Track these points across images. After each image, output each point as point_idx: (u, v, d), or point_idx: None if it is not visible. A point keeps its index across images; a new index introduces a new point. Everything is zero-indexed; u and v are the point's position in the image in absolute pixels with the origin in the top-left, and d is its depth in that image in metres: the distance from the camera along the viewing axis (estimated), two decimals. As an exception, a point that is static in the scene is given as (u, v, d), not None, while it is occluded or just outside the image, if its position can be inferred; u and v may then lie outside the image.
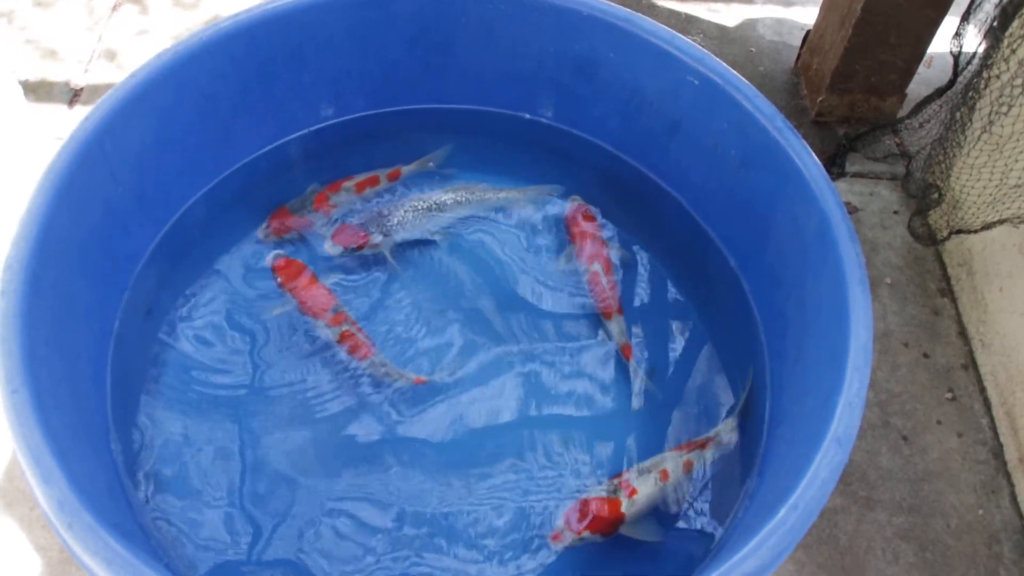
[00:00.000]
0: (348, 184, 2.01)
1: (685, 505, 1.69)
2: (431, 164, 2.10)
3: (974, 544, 1.88)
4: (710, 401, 1.83)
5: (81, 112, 2.46)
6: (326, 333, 1.80)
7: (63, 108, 2.50)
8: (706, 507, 1.69)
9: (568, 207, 2.06)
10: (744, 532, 1.37)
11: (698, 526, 1.66)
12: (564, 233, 2.04)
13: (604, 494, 1.59)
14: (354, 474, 1.69)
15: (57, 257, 1.49)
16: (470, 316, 1.91)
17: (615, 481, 1.61)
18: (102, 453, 1.55)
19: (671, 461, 1.65)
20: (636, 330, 1.91)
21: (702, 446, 1.69)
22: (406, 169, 2.07)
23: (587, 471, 1.72)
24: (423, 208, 1.98)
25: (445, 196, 2.02)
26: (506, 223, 2.06)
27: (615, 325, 1.89)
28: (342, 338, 1.77)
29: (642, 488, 1.60)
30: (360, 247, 1.92)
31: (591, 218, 2.03)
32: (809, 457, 1.31)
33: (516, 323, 1.90)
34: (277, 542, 1.60)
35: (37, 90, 2.53)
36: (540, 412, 1.79)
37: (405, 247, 1.98)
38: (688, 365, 1.87)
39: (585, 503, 1.58)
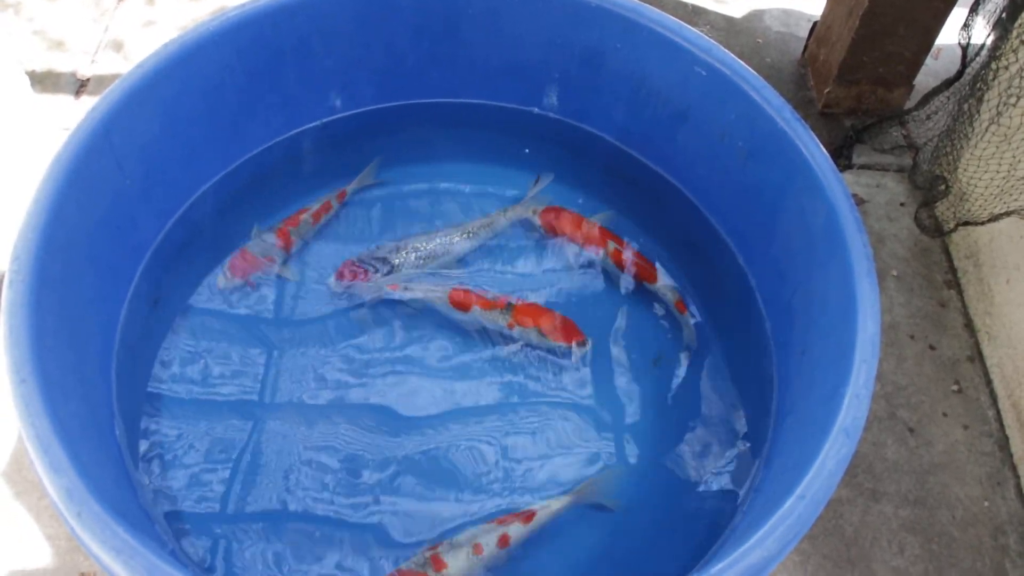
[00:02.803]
0: (305, 216, 1.96)
1: (692, 494, 1.70)
2: (369, 179, 2.08)
3: (979, 536, 1.88)
4: (715, 394, 1.83)
5: (88, 103, 2.46)
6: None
7: (70, 99, 2.51)
8: (713, 497, 1.69)
9: (539, 216, 2.01)
10: (751, 523, 1.37)
11: (705, 516, 1.67)
12: (549, 238, 2.01)
13: (414, 567, 1.52)
14: (363, 468, 1.69)
15: (64, 247, 1.49)
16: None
17: (427, 554, 1.54)
18: (109, 442, 1.55)
19: (486, 535, 1.56)
20: (645, 321, 1.91)
21: (526, 519, 1.58)
22: (350, 188, 2.04)
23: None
24: (429, 248, 1.94)
25: (452, 235, 1.97)
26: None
27: (661, 283, 1.92)
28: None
29: (452, 563, 1.52)
30: (363, 284, 1.89)
31: (565, 211, 2.02)
32: (816, 448, 1.31)
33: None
34: (283, 532, 1.61)
35: (44, 81, 2.53)
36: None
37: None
38: (696, 357, 1.87)
39: None
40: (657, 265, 1.95)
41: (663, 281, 1.93)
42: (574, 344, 1.79)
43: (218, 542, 1.59)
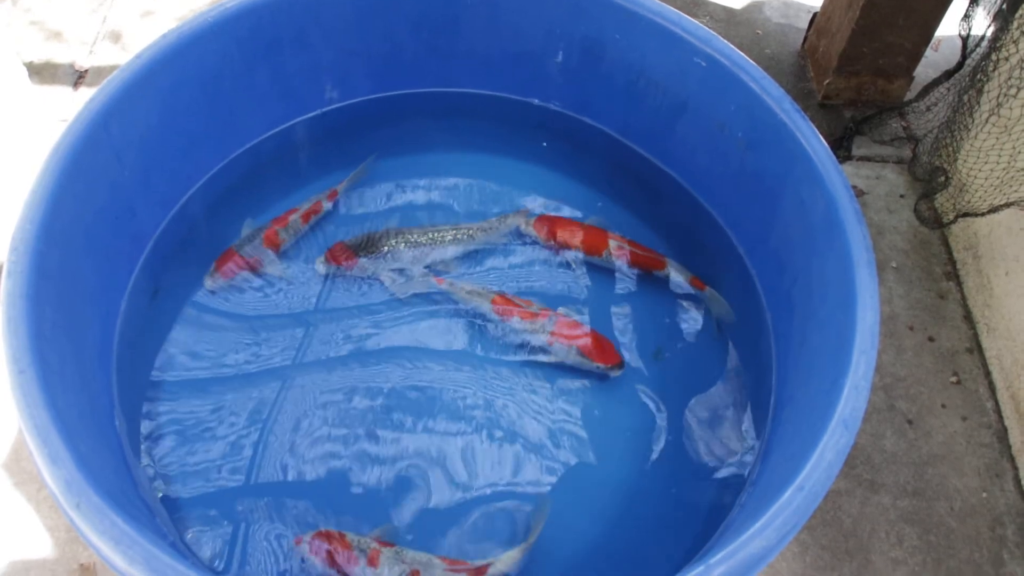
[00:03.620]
0: (294, 216, 1.95)
1: (691, 485, 1.70)
2: (362, 176, 2.07)
3: (977, 527, 1.88)
4: (714, 385, 1.83)
5: (86, 94, 2.46)
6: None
7: (68, 90, 2.50)
8: (712, 488, 1.69)
9: (532, 226, 1.98)
10: (750, 513, 1.37)
11: (705, 507, 1.67)
12: (544, 247, 1.99)
13: (352, 544, 1.52)
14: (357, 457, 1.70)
15: (63, 238, 1.49)
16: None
17: (371, 542, 1.53)
18: (108, 433, 1.55)
19: (430, 570, 1.52)
20: (644, 316, 1.91)
21: (477, 572, 1.54)
22: (341, 187, 2.02)
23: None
24: (421, 242, 1.94)
25: (445, 233, 1.96)
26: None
27: (671, 267, 1.92)
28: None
29: (386, 570, 1.51)
30: (348, 269, 1.90)
31: (558, 218, 2.00)
32: (815, 440, 1.31)
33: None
34: (285, 521, 1.61)
35: (42, 72, 2.52)
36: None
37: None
38: (695, 349, 1.87)
39: None
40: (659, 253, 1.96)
41: (672, 265, 1.94)
42: (609, 367, 1.79)
43: (218, 532, 1.59)
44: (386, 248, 1.91)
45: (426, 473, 1.68)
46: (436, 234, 1.95)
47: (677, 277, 1.93)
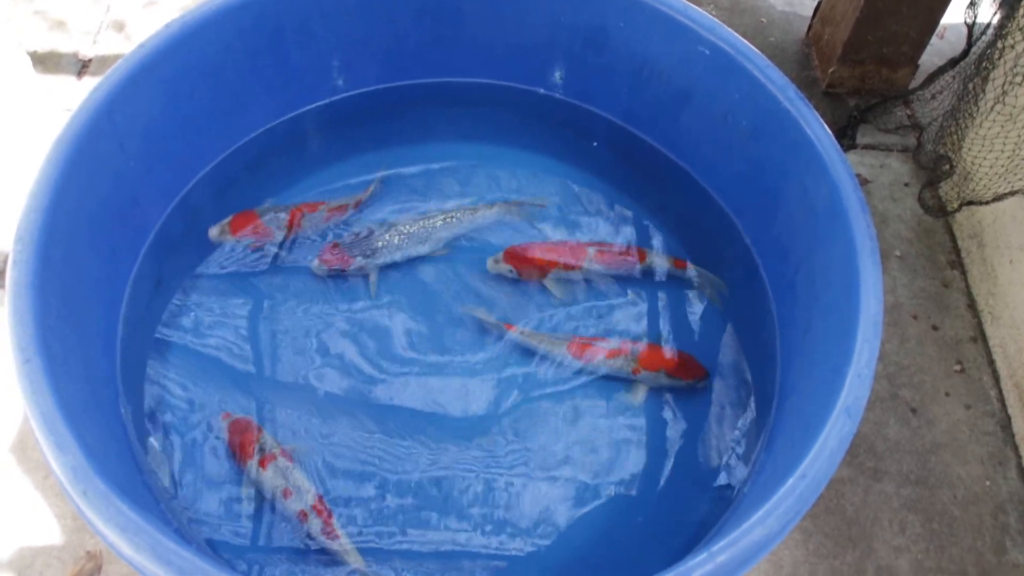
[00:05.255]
0: (322, 208, 1.95)
1: (695, 474, 1.70)
2: (378, 188, 2.05)
3: (980, 515, 1.88)
4: (717, 372, 1.84)
5: (90, 84, 2.46)
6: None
7: (72, 80, 2.50)
8: (715, 476, 1.70)
9: (501, 263, 1.91)
10: (753, 501, 1.38)
11: (707, 495, 1.67)
12: (519, 275, 1.92)
13: (260, 441, 1.64)
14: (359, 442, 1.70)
15: (67, 228, 1.50)
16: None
17: (277, 449, 1.63)
18: (113, 421, 1.56)
19: (301, 507, 1.59)
20: (649, 303, 1.91)
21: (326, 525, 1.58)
22: (365, 195, 2.00)
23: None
24: (411, 231, 1.94)
25: (435, 219, 1.96)
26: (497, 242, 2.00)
27: (653, 258, 1.93)
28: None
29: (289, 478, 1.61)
30: (344, 270, 1.89)
31: (528, 246, 1.94)
32: (818, 428, 1.31)
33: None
34: (281, 512, 1.62)
35: (46, 62, 2.52)
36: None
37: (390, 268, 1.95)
38: (701, 335, 1.88)
39: None
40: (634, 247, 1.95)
41: (652, 254, 1.94)
42: (698, 379, 1.80)
43: (223, 519, 1.60)
44: (380, 243, 1.90)
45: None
46: (427, 221, 1.95)
47: (661, 264, 1.93)
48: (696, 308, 1.92)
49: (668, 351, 1.83)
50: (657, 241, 2.01)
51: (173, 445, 1.67)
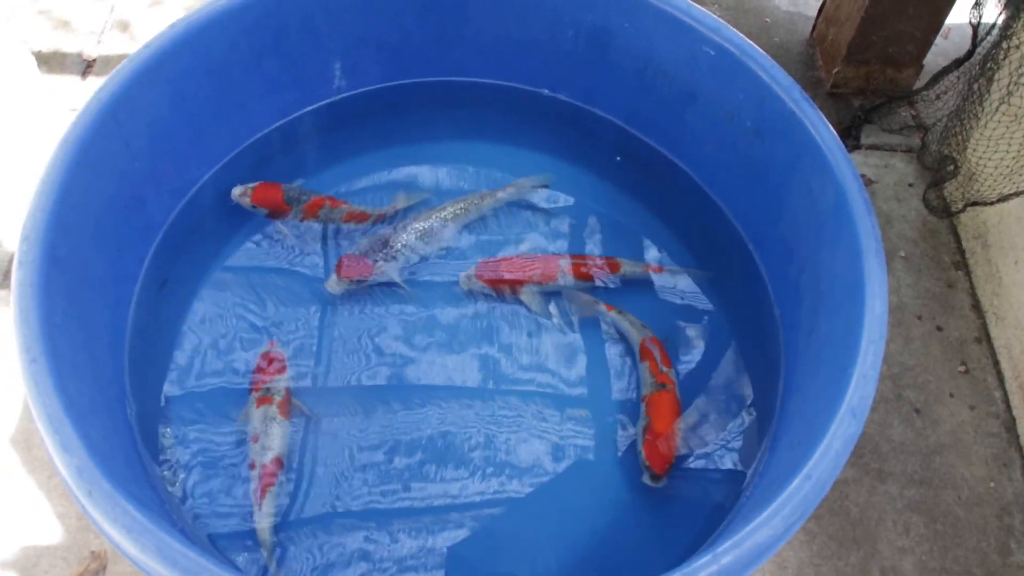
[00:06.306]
0: (344, 206, 1.93)
1: (699, 475, 1.70)
2: (412, 200, 2.02)
3: (985, 516, 1.88)
4: (722, 373, 1.83)
5: (94, 83, 2.46)
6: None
7: (76, 79, 2.50)
8: (719, 477, 1.70)
9: (473, 280, 1.88)
10: (757, 502, 1.37)
11: (711, 496, 1.67)
12: (493, 292, 1.89)
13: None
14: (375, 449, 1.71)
15: (73, 228, 1.50)
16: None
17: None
18: (118, 421, 1.56)
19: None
20: (650, 303, 1.91)
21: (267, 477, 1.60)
22: (389, 211, 1.98)
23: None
24: (423, 228, 1.93)
25: (443, 212, 1.95)
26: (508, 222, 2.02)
27: (627, 266, 1.91)
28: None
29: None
30: (366, 279, 1.85)
31: (500, 262, 1.91)
32: (823, 428, 1.31)
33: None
34: (297, 510, 1.62)
35: (50, 61, 2.53)
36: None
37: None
38: (703, 339, 1.87)
39: None
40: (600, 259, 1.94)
41: (626, 262, 1.92)
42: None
43: (229, 519, 1.60)
44: (399, 244, 1.90)
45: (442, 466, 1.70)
46: (439, 213, 1.95)
47: (636, 271, 1.91)
48: (696, 307, 1.92)
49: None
50: (659, 242, 2.01)
51: (179, 444, 1.67)
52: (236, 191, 1.89)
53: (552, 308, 1.88)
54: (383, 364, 1.80)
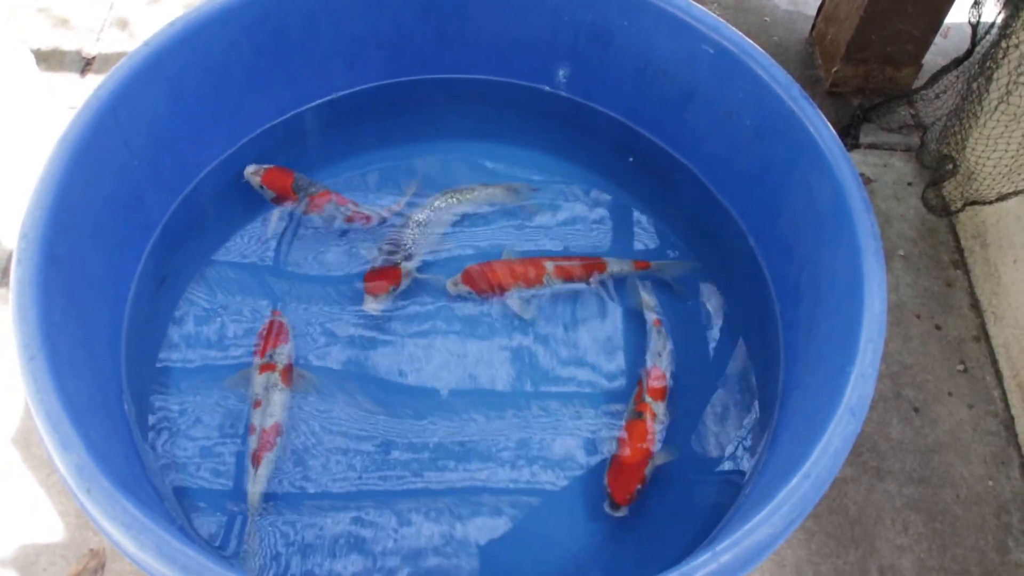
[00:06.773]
0: (349, 204, 1.94)
1: (698, 474, 1.70)
2: (408, 191, 2.03)
3: (983, 515, 1.88)
4: (721, 371, 1.84)
5: (93, 81, 2.46)
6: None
7: (75, 77, 2.50)
8: (718, 475, 1.70)
9: (459, 286, 1.86)
10: (756, 500, 1.38)
11: (710, 494, 1.67)
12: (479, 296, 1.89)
13: None
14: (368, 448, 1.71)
15: (72, 226, 1.50)
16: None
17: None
18: (117, 418, 1.56)
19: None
20: (652, 301, 1.91)
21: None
22: (388, 213, 1.97)
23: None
24: (426, 218, 1.95)
25: (439, 202, 1.97)
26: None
27: (614, 265, 1.90)
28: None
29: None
30: (398, 285, 1.85)
31: (484, 265, 1.90)
32: (822, 427, 1.31)
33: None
34: (295, 506, 1.62)
35: (49, 59, 2.52)
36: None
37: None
38: (703, 335, 1.88)
39: None
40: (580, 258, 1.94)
41: (612, 261, 1.91)
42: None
43: (228, 517, 1.60)
44: (410, 240, 1.91)
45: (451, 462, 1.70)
46: (435, 201, 1.97)
47: (624, 268, 1.91)
48: (699, 304, 1.92)
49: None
50: (659, 240, 2.01)
51: (177, 442, 1.67)
52: (249, 169, 1.93)
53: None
54: (381, 357, 1.80)
